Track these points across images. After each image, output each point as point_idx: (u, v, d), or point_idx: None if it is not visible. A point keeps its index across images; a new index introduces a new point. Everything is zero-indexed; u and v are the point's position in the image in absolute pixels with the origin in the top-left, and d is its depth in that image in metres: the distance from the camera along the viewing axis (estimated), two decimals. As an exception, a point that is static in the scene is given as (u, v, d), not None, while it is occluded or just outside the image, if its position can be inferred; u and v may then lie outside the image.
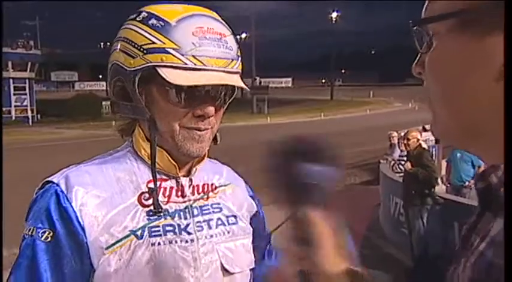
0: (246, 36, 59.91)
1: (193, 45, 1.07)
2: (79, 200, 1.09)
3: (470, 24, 0.54)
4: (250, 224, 1.30)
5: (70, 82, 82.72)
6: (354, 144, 21.23)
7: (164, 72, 1.06)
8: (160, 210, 1.13)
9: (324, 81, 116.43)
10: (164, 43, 1.07)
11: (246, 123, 34.21)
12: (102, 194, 1.11)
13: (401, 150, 9.33)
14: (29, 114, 47.33)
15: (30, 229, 1.08)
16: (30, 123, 45.48)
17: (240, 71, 1.15)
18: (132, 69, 1.10)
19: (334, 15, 79.24)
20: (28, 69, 46.75)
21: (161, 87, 1.10)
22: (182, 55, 1.07)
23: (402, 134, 9.93)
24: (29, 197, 1.15)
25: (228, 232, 1.21)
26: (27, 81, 47.05)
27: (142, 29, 1.10)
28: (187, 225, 1.16)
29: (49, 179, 1.13)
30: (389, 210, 8.86)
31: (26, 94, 47.02)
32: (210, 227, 1.19)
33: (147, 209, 1.13)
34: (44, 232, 1.06)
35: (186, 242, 1.14)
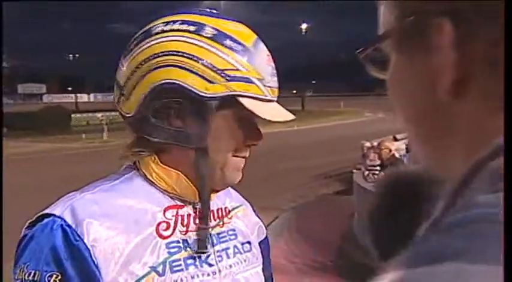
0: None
1: (269, 75, 1.03)
2: (91, 234, 0.95)
3: (403, 44, 0.50)
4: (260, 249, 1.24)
5: (38, 94, 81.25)
6: (325, 154, 21.42)
7: (248, 104, 1.00)
8: (206, 249, 1.05)
9: (294, 92, 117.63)
10: (248, 71, 1.00)
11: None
12: (117, 226, 0.98)
13: (371, 160, 9.40)
14: (-5, 127, 46.20)
15: (30, 273, 0.93)
16: (-4, 137, 44.37)
17: None
18: (210, 95, 0.98)
19: (304, 26, 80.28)
20: (-6, 82, 45.72)
21: (229, 117, 1.02)
22: (264, 86, 1.02)
23: (374, 143, 10.02)
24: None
25: (245, 260, 1.14)
26: (-8, 93, 45.97)
27: (220, 50, 0.99)
28: (208, 256, 1.07)
29: (48, 211, 0.98)
30: (363, 220, 8.88)
31: (-9, 107, 45.92)
32: (228, 257, 1.11)
33: (167, 240, 1.02)
34: (51, 276, 0.92)
35: (208, 275, 1.05)
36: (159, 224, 1.03)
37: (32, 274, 0.93)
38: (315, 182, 15.89)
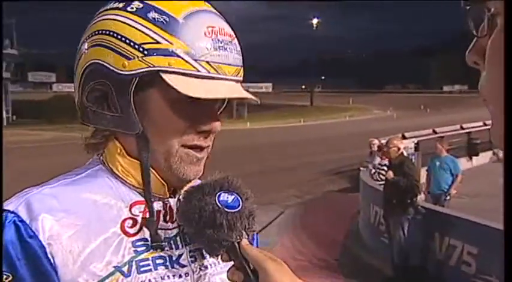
0: (227, 41, 59.87)
1: (206, 49, 0.90)
2: (47, 231, 0.86)
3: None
4: None
5: (47, 83, 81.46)
6: (333, 150, 21.36)
7: (172, 80, 0.88)
8: (160, 240, 0.95)
9: (303, 87, 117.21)
10: (172, 44, 0.88)
11: (225, 128, 33.96)
12: (77, 222, 0.89)
13: (380, 158, 9.30)
14: (4, 115, 46.52)
15: None
16: (5, 124, 44.68)
17: (241, 79, 0.98)
18: (127, 73, 0.89)
19: (315, 21, 79.73)
20: (3, 69, 45.97)
21: (160, 95, 0.91)
22: (195, 60, 0.89)
23: (383, 141, 9.92)
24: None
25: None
26: (2, 81, 46.25)
27: (140, 24, 0.90)
28: (180, 255, 0.97)
29: (3, 206, 0.88)
30: (369, 219, 8.81)
31: (1, 94, 46.24)
32: (204, 257, 1.00)
33: (133, 238, 0.93)
34: (1, 277, 0.84)
35: (180, 276, 0.96)
36: (124, 220, 0.93)
37: None
38: (321, 178, 15.83)
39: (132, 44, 0.89)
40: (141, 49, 0.89)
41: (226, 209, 0.88)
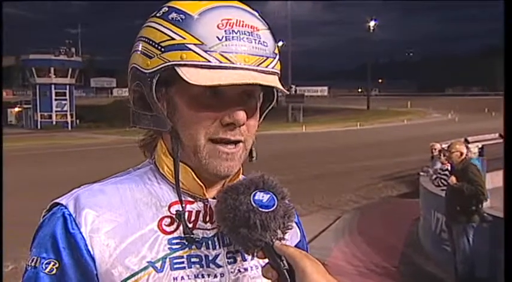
0: (283, 44, 59.94)
1: (217, 39, 0.91)
2: (89, 225, 0.93)
3: None
4: None
5: (108, 88, 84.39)
6: (391, 155, 20.90)
7: (184, 72, 0.90)
8: (191, 236, 0.96)
9: (360, 90, 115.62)
10: (185, 38, 0.92)
11: (280, 132, 34.04)
12: (117, 219, 0.95)
13: (442, 163, 8.94)
14: (69, 119, 48.57)
15: (33, 259, 0.93)
16: (70, 128, 46.61)
17: (278, 72, 0.97)
18: (150, 71, 0.94)
19: (372, 23, 78.53)
20: (69, 76, 48.09)
21: (183, 91, 0.94)
22: (205, 51, 0.91)
23: (444, 146, 9.57)
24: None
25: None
26: (67, 87, 48.41)
27: (161, 25, 0.95)
28: (217, 256, 0.98)
29: (57, 200, 0.97)
30: (430, 226, 8.49)
31: (66, 100, 48.45)
32: (244, 259, 1.00)
33: (169, 236, 0.96)
34: (49, 263, 0.91)
35: (215, 276, 0.97)
36: (162, 218, 0.97)
37: (34, 260, 0.93)
38: (379, 183, 15.48)
39: (152, 43, 0.95)
40: (159, 47, 0.94)
41: (260, 209, 0.89)
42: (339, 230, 10.01)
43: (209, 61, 0.91)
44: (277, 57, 0.98)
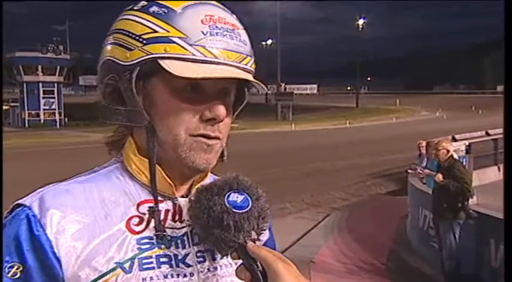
0: (272, 42, 59.77)
1: (202, 34, 0.91)
2: (54, 226, 0.90)
3: None
4: None
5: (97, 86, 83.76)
6: (379, 152, 20.99)
7: (168, 65, 0.89)
8: (163, 233, 0.95)
9: (349, 88, 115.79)
10: (168, 31, 0.91)
11: (270, 130, 34.03)
12: (84, 219, 0.92)
13: (428, 160, 9.05)
14: (57, 117, 48.21)
15: None
16: (58, 126, 46.27)
17: (253, 70, 0.98)
18: (129, 63, 0.92)
19: (360, 21, 78.71)
20: (57, 74, 47.67)
21: (163, 85, 0.93)
22: (190, 45, 0.91)
23: (432, 143, 9.65)
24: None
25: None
26: (55, 85, 48.00)
27: (142, 18, 0.94)
28: (186, 255, 0.97)
29: (20, 201, 0.94)
30: (417, 223, 8.58)
31: (54, 98, 48.03)
32: (213, 258, 1.00)
33: (138, 236, 0.94)
34: (12, 266, 0.88)
35: (185, 276, 0.96)
36: (130, 218, 0.95)
37: None
38: (368, 180, 15.56)
39: (133, 35, 0.93)
40: (140, 39, 0.92)
41: (234, 210, 0.88)
42: (328, 227, 10.05)
43: (194, 54, 0.90)
44: (254, 57, 0.99)
